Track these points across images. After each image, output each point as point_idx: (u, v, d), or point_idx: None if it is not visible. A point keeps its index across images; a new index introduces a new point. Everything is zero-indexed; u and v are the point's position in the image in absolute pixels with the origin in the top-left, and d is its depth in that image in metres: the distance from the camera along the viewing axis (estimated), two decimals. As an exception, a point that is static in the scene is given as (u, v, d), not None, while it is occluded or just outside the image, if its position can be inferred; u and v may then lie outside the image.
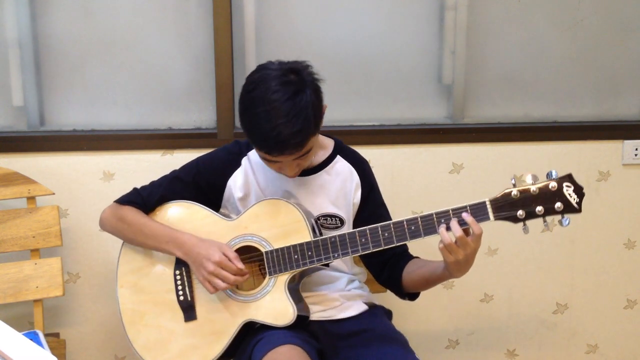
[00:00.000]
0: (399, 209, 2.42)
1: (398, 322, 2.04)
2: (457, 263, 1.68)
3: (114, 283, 1.99)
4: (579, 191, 1.66)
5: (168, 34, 2.38)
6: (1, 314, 2.25)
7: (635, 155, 2.55)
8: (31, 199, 2.21)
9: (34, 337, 2.01)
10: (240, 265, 1.79)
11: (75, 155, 2.35)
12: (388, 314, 2.02)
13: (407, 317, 1.97)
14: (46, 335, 2.12)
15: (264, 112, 1.70)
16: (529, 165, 2.51)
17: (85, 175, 2.35)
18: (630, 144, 2.54)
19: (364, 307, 1.94)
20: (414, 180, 2.47)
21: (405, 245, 1.90)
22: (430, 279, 1.83)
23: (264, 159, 1.79)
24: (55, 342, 2.21)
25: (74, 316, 2.43)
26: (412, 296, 1.94)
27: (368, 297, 2.00)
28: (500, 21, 2.48)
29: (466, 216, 1.67)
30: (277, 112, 1.70)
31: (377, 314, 1.96)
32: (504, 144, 2.50)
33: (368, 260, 1.96)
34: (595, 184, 2.55)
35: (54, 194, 2.25)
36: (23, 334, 1.32)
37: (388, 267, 1.91)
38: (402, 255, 1.91)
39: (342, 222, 1.91)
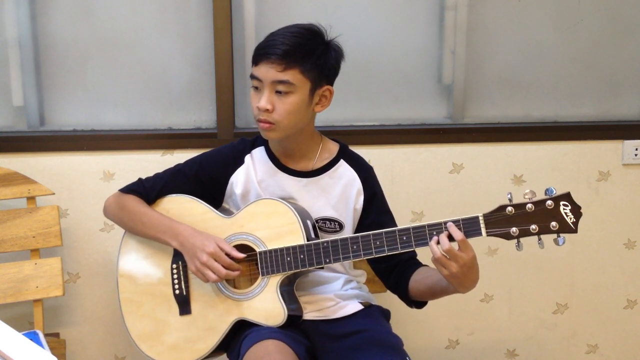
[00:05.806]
0: (399, 209, 2.42)
1: (398, 322, 2.04)
2: (453, 277, 1.64)
3: (114, 282, 2.00)
4: (576, 211, 1.62)
5: (168, 34, 2.38)
6: (1, 314, 2.25)
7: (635, 155, 2.55)
8: (31, 199, 2.21)
9: (34, 337, 2.01)
10: (236, 254, 1.80)
11: (75, 155, 2.35)
12: (385, 313, 2.00)
13: (406, 317, 1.96)
14: (46, 335, 2.12)
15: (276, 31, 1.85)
16: (529, 165, 2.51)
17: (85, 175, 2.35)
18: (630, 144, 2.54)
19: (359, 307, 1.93)
20: (414, 180, 2.47)
21: (413, 252, 1.87)
22: (435, 289, 1.79)
23: (251, 77, 1.83)
24: (55, 342, 2.21)
25: (74, 316, 2.43)
26: (419, 304, 1.91)
27: (365, 297, 1.98)
28: (500, 21, 2.48)
29: (450, 225, 1.63)
30: (283, 30, 1.83)
31: (372, 314, 1.93)
32: (504, 144, 2.50)
33: (375, 266, 1.94)
34: (595, 184, 2.55)
35: (54, 194, 2.25)
36: (23, 334, 1.31)
37: (395, 274, 1.88)
38: (410, 263, 1.88)
39: (341, 226, 1.91)
